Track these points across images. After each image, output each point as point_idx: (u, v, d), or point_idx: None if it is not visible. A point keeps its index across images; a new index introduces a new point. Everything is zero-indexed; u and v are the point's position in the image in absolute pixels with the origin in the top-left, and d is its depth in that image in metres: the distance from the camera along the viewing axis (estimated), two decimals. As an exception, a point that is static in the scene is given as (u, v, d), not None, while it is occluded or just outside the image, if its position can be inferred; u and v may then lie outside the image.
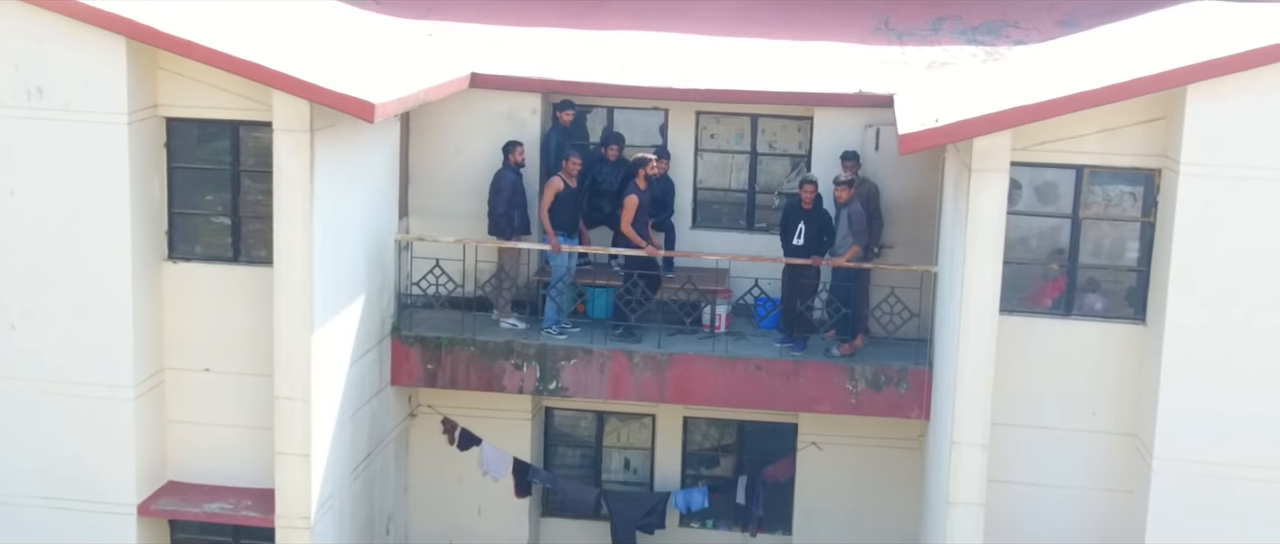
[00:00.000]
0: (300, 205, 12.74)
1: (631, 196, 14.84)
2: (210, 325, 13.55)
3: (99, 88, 12.60)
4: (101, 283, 12.96)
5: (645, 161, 15.06)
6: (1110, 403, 12.72)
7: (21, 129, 12.75)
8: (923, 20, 17.65)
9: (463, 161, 15.96)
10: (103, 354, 13.07)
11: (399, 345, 15.21)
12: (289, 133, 12.61)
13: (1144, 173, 12.40)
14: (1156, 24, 15.60)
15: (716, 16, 17.90)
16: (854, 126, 15.67)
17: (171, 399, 13.64)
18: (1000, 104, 12.15)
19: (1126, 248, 12.67)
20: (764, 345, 15.20)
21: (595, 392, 15.11)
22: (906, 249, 15.44)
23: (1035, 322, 12.71)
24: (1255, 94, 11.58)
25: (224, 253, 13.52)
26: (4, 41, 12.60)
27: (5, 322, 13.10)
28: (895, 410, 14.71)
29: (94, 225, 12.87)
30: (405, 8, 17.89)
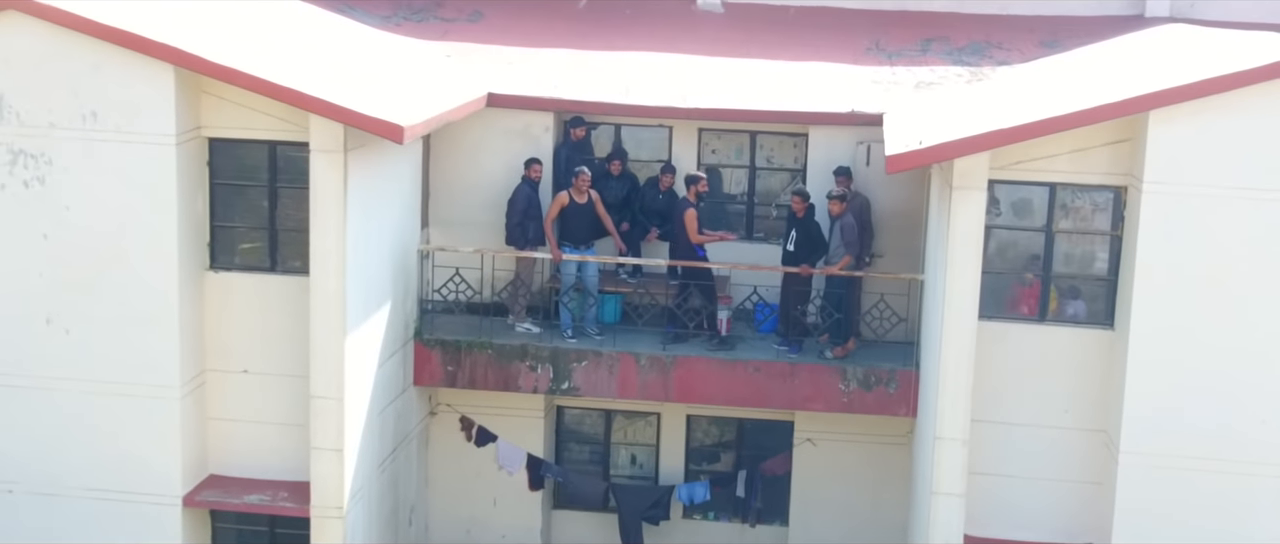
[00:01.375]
0: (335, 220, 13.81)
1: (690, 210, 15.85)
2: (248, 330, 14.61)
3: (149, 112, 13.67)
4: (149, 291, 14.03)
5: (697, 178, 16.09)
6: (1081, 402, 13.82)
7: (78, 149, 13.82)
8: (912, 41, 18.69)
9: (480, 175, 17.00)
10: (150, 357, 14.14)
11: (421, 348, 16.28)
12: (325, 153, 13.69)
13: (1111, 189, 13.49)
14: (1129, 46, 16.69)
15: (717, 37, 18.95)
16: (847, 143, 16.72)
17: (212, 398, 14.71)
18: (979, 127, 13.24)
19: (1096, 259, 13.75)
20: (763, 348, 16.24)
21: (604, 392, 16.18)
22: (896, 258, 16.49)
23: (1012, 327, 13.80)
24: (1210, 118, 12.67)
25: (261, 263, 14.59)
26: (62, 68, 13.66)
27: (61, 326, 14.16)
28: (884, 409, 15.77)
29: (143, 238, 13.94)
30: (424, 30, 18.92)
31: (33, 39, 13.64)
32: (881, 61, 18.10)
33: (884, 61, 18.09)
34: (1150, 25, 18.65)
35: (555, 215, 16.11)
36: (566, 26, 19.27)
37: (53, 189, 13.91)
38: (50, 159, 13.86)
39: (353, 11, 19.19)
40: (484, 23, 19.25)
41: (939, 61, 18.04)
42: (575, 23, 19.42)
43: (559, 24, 19.33)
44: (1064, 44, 18.27)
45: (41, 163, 13.87)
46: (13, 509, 14.57)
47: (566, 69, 17.72)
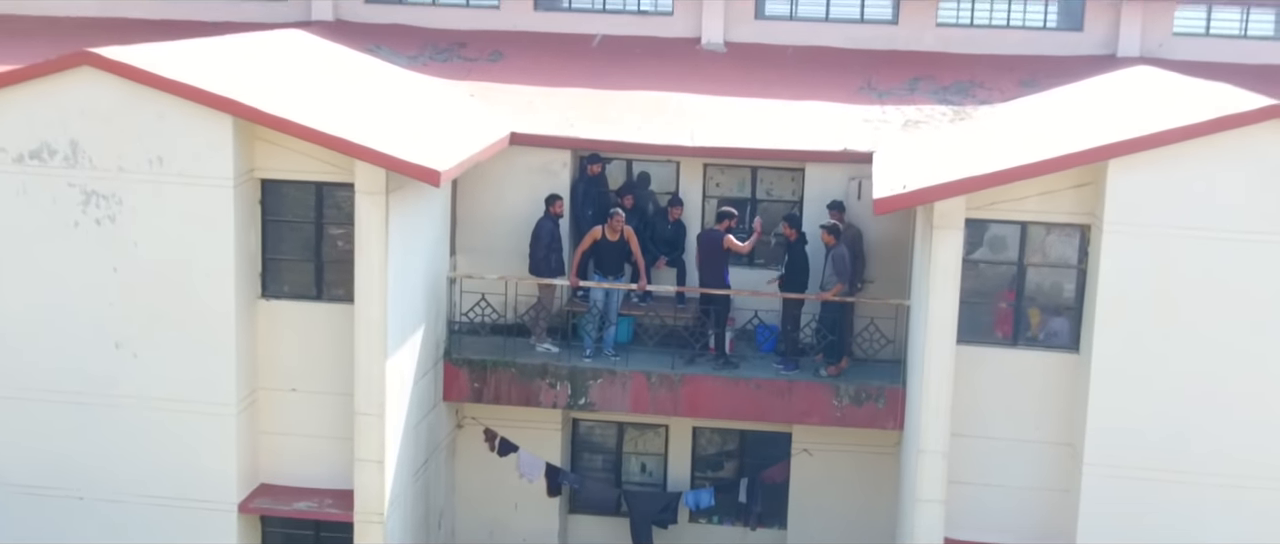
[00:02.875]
0: (377, 254, 15.32)
1: (728, 235, 17.43)
2: (296, 352, 16.11)
3: (209, 157, 15.17)
4: (208, 318, 15.54)
5: (729, 214, 17.65)
6: (1049, 417, 15.33)
7: (145, 191, 15.32)
8: (901, 80, 20.20)
9: (503, 208, 18.47)
10: (209, 377, 15.65)
11: (450, 367, 17.77)
12: (368, 194, 15.20)
13: (1077, 227, 14.99)
14: (1097, 92, 18.17)
15: (721, 76, 20.46)
16: (840, 178, 18.22)
17: (264, 414, 16.21)
18: (958, 172, 14.76)
19: (1063, 289, 15.26)
20: (763, 366, 17.74)
21: (619, 407, 17.69)
22: (885, 284, 17.99)
23: (988, 351, 15.31)
24: (1163, 166, 14.17)
25: (308, 292, 16.09)
26: (131, 118, 15.17)
27: (129, 350, 15.67)
28: (874, 422, 17.26)
29: (202, 270, 15.44)
30: (448, 69, 20.42)
31: (104, 91, 15.14)
32: (872, 100, 19.60)
33: (875, 100, 19.59)
34: (1122, 65, 20.15)
35: (586, 248, 17.58)
36: (582, 65, 20.77)
37: (122, 227, 15.41)
38: (120, 199, 15.36)
39: (381, 51, 20.71)
40: (504, 62, 20.75)
41: (926, 100, 19.54)
42: (590, 61, 20.92)
43: (575, 63, 20.82)
44: (1042, 83, 19.77)
45: (112, 203, 15.37)
46: (82, 515, 16.07)
47: (582, 108, 19.20)
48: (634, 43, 21.52)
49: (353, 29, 21.54)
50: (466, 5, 22.02)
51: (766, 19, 21.54)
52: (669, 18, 21.69)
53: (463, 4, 22.04)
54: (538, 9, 21.89)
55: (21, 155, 15.36)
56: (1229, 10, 20.78)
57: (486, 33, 21.68)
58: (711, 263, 17.53)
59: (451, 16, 21.91)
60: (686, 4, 21.58)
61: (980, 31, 21.18)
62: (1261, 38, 20.92)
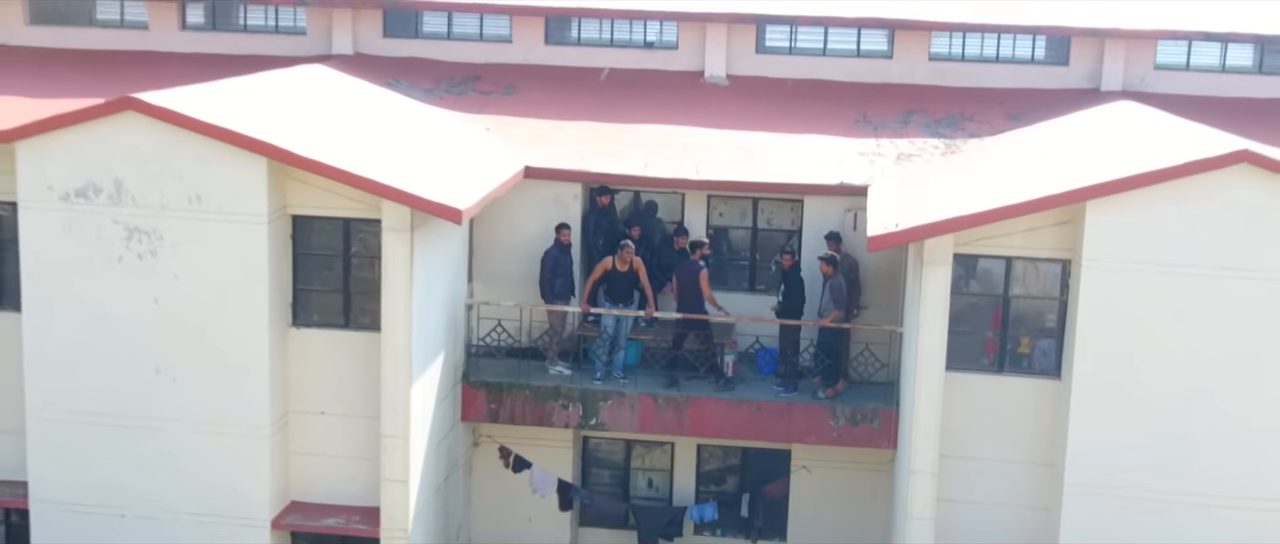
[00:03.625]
0: (402, 286, 16.35)
1: (704, 271, 18.45)
2: (325, 377, 17.12)
3: (245, 195, 16.20)
4: (243, 346, 16.56)
5: (702, 243, 18.67)
6: (1032, 439, 16.38)
7: (184, 227, 16.34)
8: (894, 113, 21.20)
9: (517, 237, 19.47)
10: (243, 401, 16.67)
11: (468, 389, 18.79)
12: (394, 231, 16.23)
13: (1058, 262, 16.02)
14: (1078, 129, 19.20)
15: (723, 109, 21.43)
16: (837, 209, 19.23)
17: (294, 436, 17.23)
18: (947, 210, 15.79)
19: (1046, 319, 16.28)
20: (763, 388, 18.75)
21: (627, 427, 18.71)
22: (879, 310, 19.00)
23: (975, 377, 16.34)
24: (1136, 207, 15.22)
25: (336, 320, 17.11)
26: (172, 159, 16.19)
27: (168, 376, 16.69)
28: (869, 442, 18.28)
29: (238, 301, 16.46)
30: (464, 102, 21.41)
31: (146, 134, 16.16)
32: (867, 133, 20.58)
33: (870, 133, 20.58)
34: (1106, 98, 21.16)
35: (597, 278, 18.60)
36: (590, 98, 21.77)
37: (163, 261, 16.43)
38: (161, 235, 16.38)
39: (399, 85, 21.71)
40: (517, 96, 21.74)
41: (918, 133, 20.53)
42: (598, 94, 21.92)
43: (584, 96, 21.83)
44: (1029, 117, 20.76)
45: (153, 238, 16.40)
46: (124, 531, 17.09)
47: (592, 141, 20.19)
48: (640, 76, 22.51)
49: (372, 62, 22.53)
50: (480, 39, 22.98)
51: (767, 53, 22.49)
52: (674, 52, 22.67)
53: (477, 38, 23.00)
54: (548, 43, 22.84)
55: (68, 194, 16.39)
56: (1208, 45, 21.75)
57: (500, 66, 22.65)
58: (689, 293, 18.55)
59: (466, 50, 22.88)
60: (690, 38, 22.56)
61: (971, 65, 22.15)
62: (1240, 72, 21.85)
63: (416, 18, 23.05)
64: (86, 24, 23.81)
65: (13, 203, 16.80)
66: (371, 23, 22.98)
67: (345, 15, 22.85)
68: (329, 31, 23.01)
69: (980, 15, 21.83)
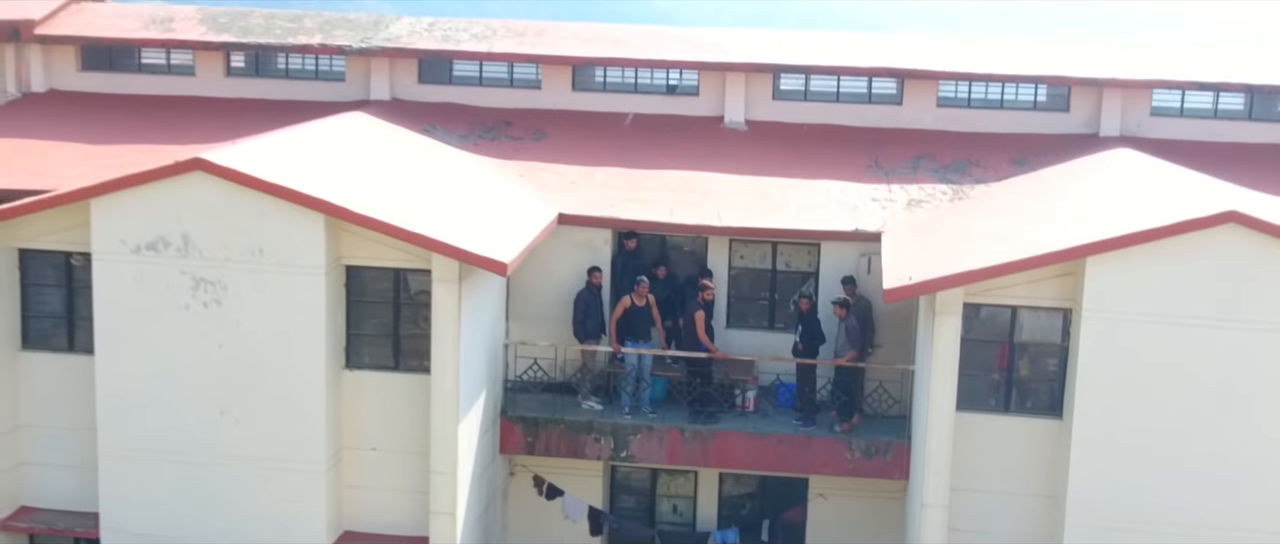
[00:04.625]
0: (451, 333, 17.59)
1: (699, 312, 19.64)
2: (376, 416, 18.35)
3: (304, 249, 17.43)
4: (301, 387, 17.80)
5: (706, 287, 19.88)
6: (1036, 474, 17.63)
7: (247, 278, 17.58)
8: (904, 159, 22.44)
9: (551, 279, 20.70)
10: (301, 438, 17.91)
11: (507, 423, 20.03)
12: (444, 282, 17.47)
13: (1060, 311, 17.26)
14: (1080, 175, 20.43)
15: (742, 153, 22.67)
16: (852, 253, 20.48)
17: (348, 470, 18.47)
18: (957, 262, 17.03)
19: (1048, 364, 17.53)
20: (783, 422, 20.01)
21: (656, 459, 19.97)
22: (892, 348, 20.24)
23: (983, 417, 17.59)
24: (1133, 261, 16.46)
25: (387, 363, 18.34)
26: (236, 215, 17.42)
27: (232, 416, 17.94)
28: (882, 473, 19.52)
29: (296, 345, 17.70)
30: (497, 148, 22.65)
31: (213, 192, 17.40)
32: (880, 179, 21.82)
33: (882, 179, 21.81)
34: (1104, 143, 22.42)
35: (619, 316, 19.85)
36: (617, 143, 23.00)
37: (227, 309, 17.67)
38: (225, 285, 17.62)
39: (435, 131, 22.95)
40: (547, 141, 22.98)
41: (928, 179, 21.76)
42: (624, 139, 23.16)
43: (610, 141, 23.06)
44: (1032, 162, 22.01)
45: (218, 288, 17.63)
46: (189, 559, 18.38)
47: (619, 187, 21.42)
48: (663, 121, 23.75)
49: (408, 108, 23.76)
50: (511, 85, 24.23)
51: (782, 99, 23.74)
52: (694, 98, 23.92)
53: (507, 84, 24.24)
54: (576, 89, 24.08)
55: (140, 246, 17.62)
56: (1201, 94, 22.99)
57: (530, 111, 23.89)
58: (690, 333, 19.86)
59: (498, 96, 24.13)
60: (711, 85, 23.81)
61: (977, 111, 23.39)
62: (1231, 118, 23.08)
63: (449, 65, 24.28)
64: (135, 70, 25.02)
65: (87, 253, 18.03)
66: (407, 70, 24.21)
67: (382, 63, 24.07)
68: (367, 78, 24.24)
69: (985, 65, 23.11)
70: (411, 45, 23.93)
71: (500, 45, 23.95)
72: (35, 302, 18.80)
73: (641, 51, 23.79)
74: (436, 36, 24.32)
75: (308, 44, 23.97)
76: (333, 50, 23.88)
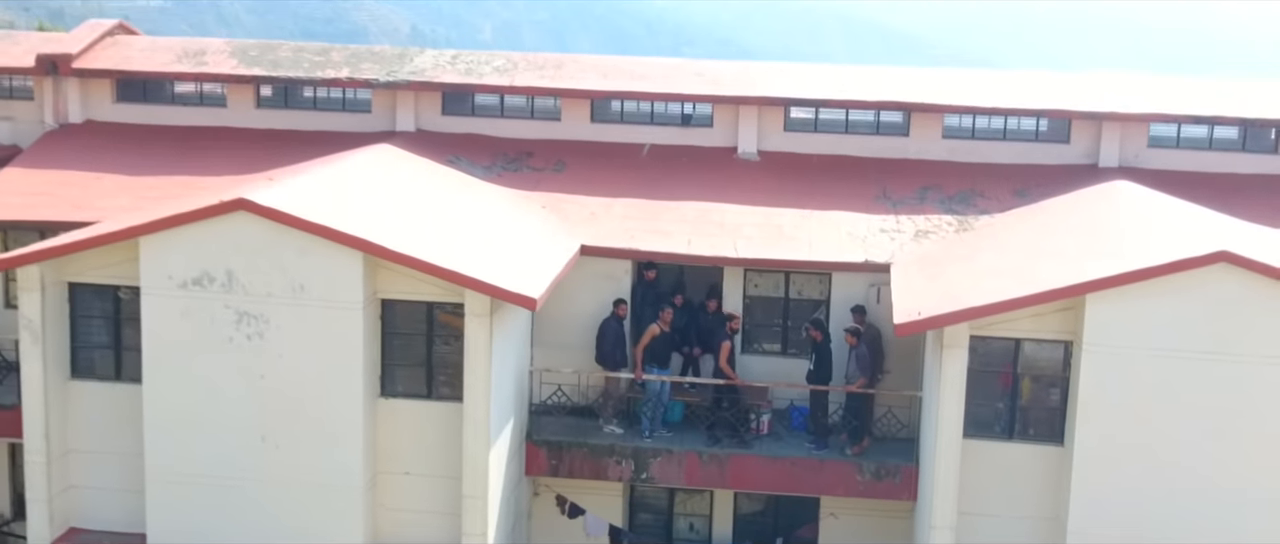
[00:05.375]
0: (483, 364, 18.49)
1: (726, 343, 20.55)
2: (409, 442, 19.24)
3: (343, 285, 18.32)
4: (338, 414, 18.69)
5: (732, 317, 20.77)
6: (1039, 497, 18.53)
7: (288, 312, 18.47)
8: (911, 189, 23.33)
9: (573, 307, 21.58)
10: (339, 463, 18.80)
11: (532, 447, 20.94)
12: (476, 316, 18.38)
13: (1062, 343, 18.17)
14: (1080, 207, 21.33)
15: (755, 184, 23.57)
16: (862, 283, 21.39)
17: (383, 493, 19.35)
18: (963, 299, 17.94)
19: (1050, 394, 18.45)
20: (796, 445, 20.91)
21: (675, 480, 20.89)
22: (901, 374, 21.15)
23: (989, 443, 18.50)
24: (1130, 297, 17.37)
25: (420, 391, 19.22)
26: (278, 253, 18.31)
27: (273, 442, 18.84)
28: (891, 494, 20.44)
29: (334, 376, 18.59)
30: (519, 179, 23.55)
31: (256, 231, 18.29)
32: (887, 209, 22.73)
33: (890, 209, 22.72)
34: (1103, 174, 23.33)
35: (647, 344, 20.77)
36: (634, 174, 23.90)
37: (269, 342, 18.56)
38: (267, 319, 18.52)
39: (459, 162, 23.86)
40: (567, 173, 23.88)
41: (934, 210, 22.66)
42: (641, 170, 24.06)
43: (628, 172, 23.96)
44: (1033, 193, 22.91)
45: (261, 322, 18.53)
46: (231, 578, 19.29)
47: (638, 218, 22.32)
48: (679, 151, 24.66)
49: (433, 139, 24.67)
50: (531, 117, 25.13)
51: (793, 130, 24.64)
52: (709, 129, 24.82)
53: (528, 116, 25.14)
54: (594, 120, 24.99)
55: (186, 282, 18.52)
56: (1197, 126, 23.89)
57: (550, 142, 24.79)
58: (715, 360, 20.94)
59: (519, 127, 25.03)
60: (724, 117, 24.71)
61: (981, 143, 24.30)
62: (1225, 149, 23.99)
63: (472, 97, 25.19)
64: (168, 102, 25.93)
65: (135, 287, 18.92)
66: (431, 102, 25.12)
67: (408, 96, 24.97)
68: (393, 109, 25.14)
69: (989, 99, 24.02)
70: (436, 78, 24.83)
71: (521, 78, 24.85)
72: (83, 333, 19.68)
73: (658, 85, 24.71)
74: (459, 69, 25.22)
75: (336, 78, 24.86)
76: (360, 84, 24.78)
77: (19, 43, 26.38)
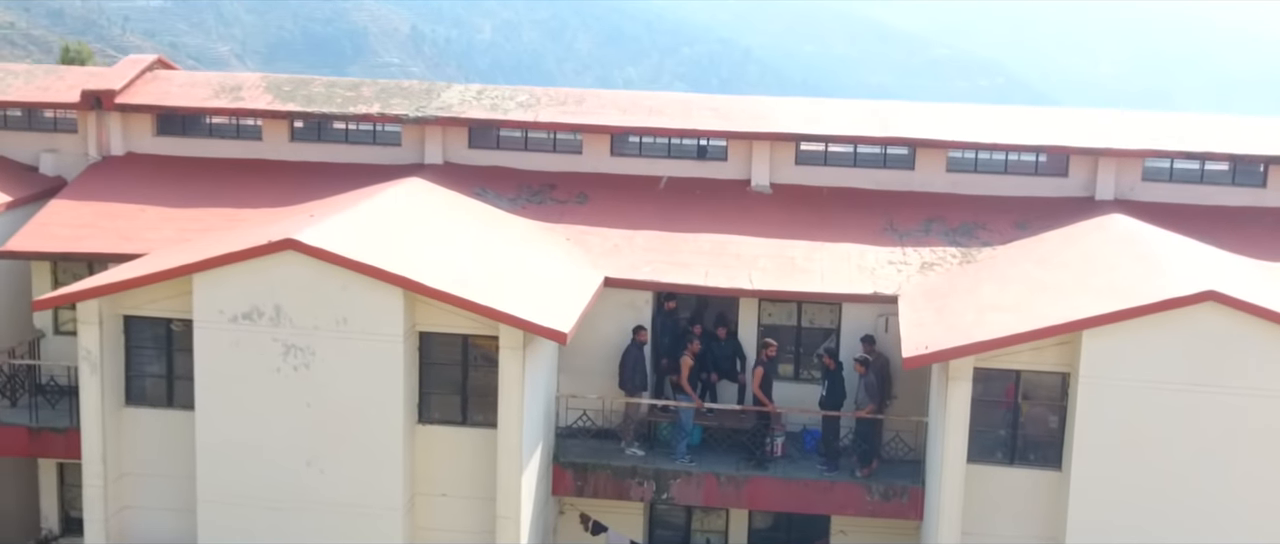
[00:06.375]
0: (516, 394, 19.70)
1: (759, 368, 21.75)
2: (445, 466, 20.44)
3: (384, 319, 19.53)
4: (379, 440, 19.90)
5: (768, 344, 22.00)
6: (1039, 519, 19.72)
7: (332, 344, 19.68)
8: (917, 222, 24.52)
9: (597, 335, 22.75)
10: (380, 486, 20.01)
11: (558, 469, 22.14)
12: (510, 349, 19.59)
13: (1060, 375, 19.38)
14: (1077, 242, 22.52)
15: (768, 216, 24.74)
16: (870, 312, 22.59)
17: (420, 514, 20.55)
18: (968, 334, 19.14)
19: (1049, 422, 19.65)
20: (808, 466, 22.11)
21: (694, 500, 22.09)
22: (907, 400, 22.34)
23: (991, 469, 19.70)
24: (1125, 333, 18.56)
25: (455, 418, 20.43)
26: (324, 289, 19.51)
27: (317, 467, 20.03)
28: (899, 514, 21.63)
29: (376, 404, 19.80)
30: (543, 211, 24.74)
31: (302, 268, 19.49)
32: (894, 241, 23.91)
33: (896, 242, 23.90)
34: (1100, 207, 24.50)
35: (687, 375, 21.97)
36: (653, 206, 25.07)
37: (314, 372, 19.77)
38: (313, 351, 19.72)
39: (486, 194, 25.04)
40: (590, 205, 25.05)
41: (938, 242, 23.85)
42: (659, 202, 25.22)
43: (647, 204, 25.13)
44: (1033, 225, 24.10)
45: (306, 354, 19.73)
46: (276, 594, 20.50)
47: (658, 250, 23.49)
48: (694, 184, 25.83)
49: (460, 172, 25.83)
50: (554, 150, 26.30)
51: (804, 164, 25.82)
52: (723, 162, 25.99)
53: (551, 149, 26.31)
54: (614, 153, 26.16)
55: (236, 316, 19.72)
56: (1188, 161, 25.08)
57: (572, 175, 25.95)
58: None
59: (542, 160, 26.18)
60: (738, 151, 25.88)
61: (983, 176, 25.47)
62: (1216, 183, 25.16)
63: (497, 131, 26.37)
64: (205, 135, 27.10)
65: (187, 320, 20.12)
66: (458, 136, 26.29)
67: (436, 130, 26.14)
68: (421, 143, 26.31)
69: (991, 135, 25.21)
70: (463, 114, 26.00)
71: (545, 114, 26.02)
72: (137, 362, 20.89)
73: (675, 120, 25.88)
74: (485, 105, 26.40)
75: (367, 113, 26.04)
76: (391, 119, 25.95)
77: (63, 78, 27.52)
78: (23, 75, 27.68)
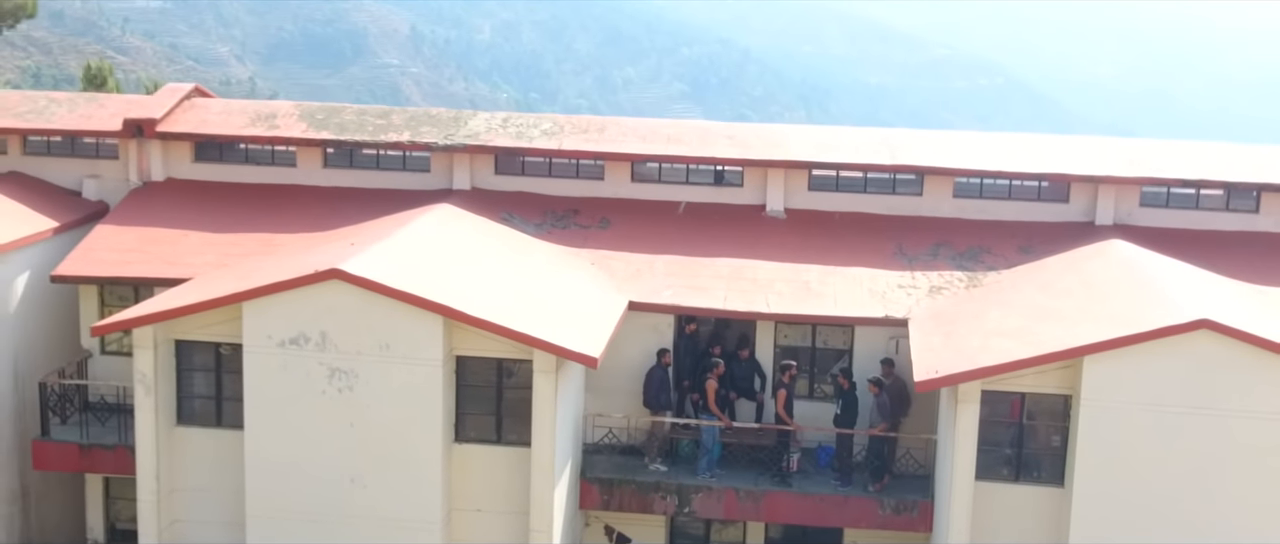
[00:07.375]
0: (548, 415, 20.86)
1: (782, 391, 22.91)
2: (481, 482, 21.60)
3: (424, 344, 20.68)
4: (419, 458, 21.06)
5: (788, 366, 23.15)
6: (1042, 533, 20.89)
7: (375, 369, 20.83)
8: (925, 246, 25.68)
9: (621, 357, 23.88)
10: (419, 502, 21.17)
11: (586, 484, 23.29)
12: (543, 372, 20.76)
13: (1062, 397, 20.55)
14: (1078, 267, 23.68)
15: (782, 240, 25.90)
16: (882, 335, 23.75)
17: (457, 528, 21.71)
18: (975, 360, 20.31)
19: (1052, 441, 20.81)
20: (822, 481, 23.28)
21: (715, 514, 23.25)
22: (917, 419, 23.49)
23: (998, 485, 20.87)
24: (1125, 358, 19.73)
25: (490, 437, 21.60)
26: (367, 316, 20.66)
27: (360, 484, 21.19)
28: (909, 527, 22.80)
29: (416, 424, 20.96)
30: (567, 236, 25.89)
31: (346, 297, 20.64)
32: (904, 265, 25.06)
33: (906, 266, 25.05)
34: (1099, 232, 25.68)
35: (715, 398, 23.13)
36: (673, 230, 26.22)
37: (358, 394, 20.92)
38: (356, 374, 20.87)
39: (513, 220, 26.19)
40: (612, 230, 26.20)
41: (946, 266, 25.01)
42: (679, 227, 26.37)
43: (667, 228, 26.28)
44: (1036, 250, 25.26)
45: (350, 377, 20.89)
46: (320, 604, 21.65)
47: (679, 274, 24.64)
48: (711, 209, 26.99)
49: (487, 197, 26.97)
50: (577, 177, 27.46)
51: (817, 189, 26.97)
52: (739, 188, 27.14)
53: (574, 176, 27.47)
54: (635, 180, 27.30)
55: (284, 341, 20.87)
56: (1184, 189, 26.23)
57: (595, 200, 27.09)
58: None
59: (566, 186, 27.34)
60: (753, 178, 27.03)
61: (988, 202, 26.63)
62: (1211, 209, 26.32)
63: (522, 158, 27.51)
64: (241, 161, 28.24)
65: (237, 344, 21.26)
66: (485, 163, 27.43)
67: (464, 157, 27.29)
68: (450, 170, 27.45)
69: (995, 162, 26.37)
70: (490, 142, 27.14)
71: (568, 142, 27.16)
72: (187, 384, 22.05)
73: (693, 148, 27.04)
74: (511, 133, 27.54)
75: (398, 141, 27.19)
76: (420, 147, 27.09)
77: (104, 106, 28.65)
78: (66, 104, 28.82)
